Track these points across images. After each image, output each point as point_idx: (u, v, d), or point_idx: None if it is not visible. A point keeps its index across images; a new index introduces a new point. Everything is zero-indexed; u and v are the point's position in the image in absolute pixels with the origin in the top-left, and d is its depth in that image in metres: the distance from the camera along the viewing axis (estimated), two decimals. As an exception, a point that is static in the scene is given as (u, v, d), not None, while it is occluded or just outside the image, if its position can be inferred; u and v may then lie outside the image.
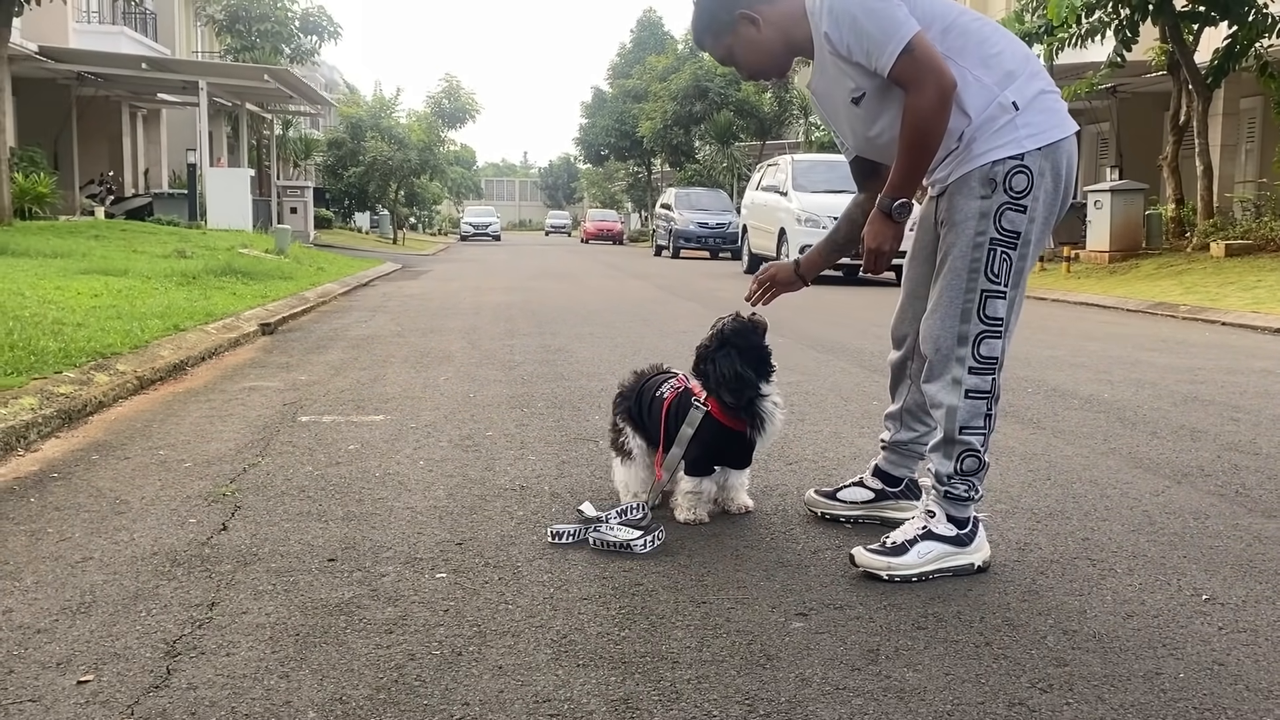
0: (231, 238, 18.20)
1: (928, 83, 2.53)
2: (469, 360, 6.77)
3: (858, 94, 2.68)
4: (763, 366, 3.07)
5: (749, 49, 2.80)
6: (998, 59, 2.65)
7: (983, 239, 2.62)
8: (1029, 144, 2.60)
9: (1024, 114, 2.61)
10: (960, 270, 2.64)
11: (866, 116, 2.71)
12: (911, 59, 2.53)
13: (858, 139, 2.82)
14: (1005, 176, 2.60)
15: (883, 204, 2.69)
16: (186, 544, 2.93)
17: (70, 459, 4.01)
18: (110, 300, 8.69)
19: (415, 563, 2.77)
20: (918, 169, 2.63)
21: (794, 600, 2.50)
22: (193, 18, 33.21)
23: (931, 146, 2.59)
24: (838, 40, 2.62)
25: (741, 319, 3.12)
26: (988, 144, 2.61)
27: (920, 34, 2.55)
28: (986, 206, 2.61)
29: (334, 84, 54.80)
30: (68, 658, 2.15)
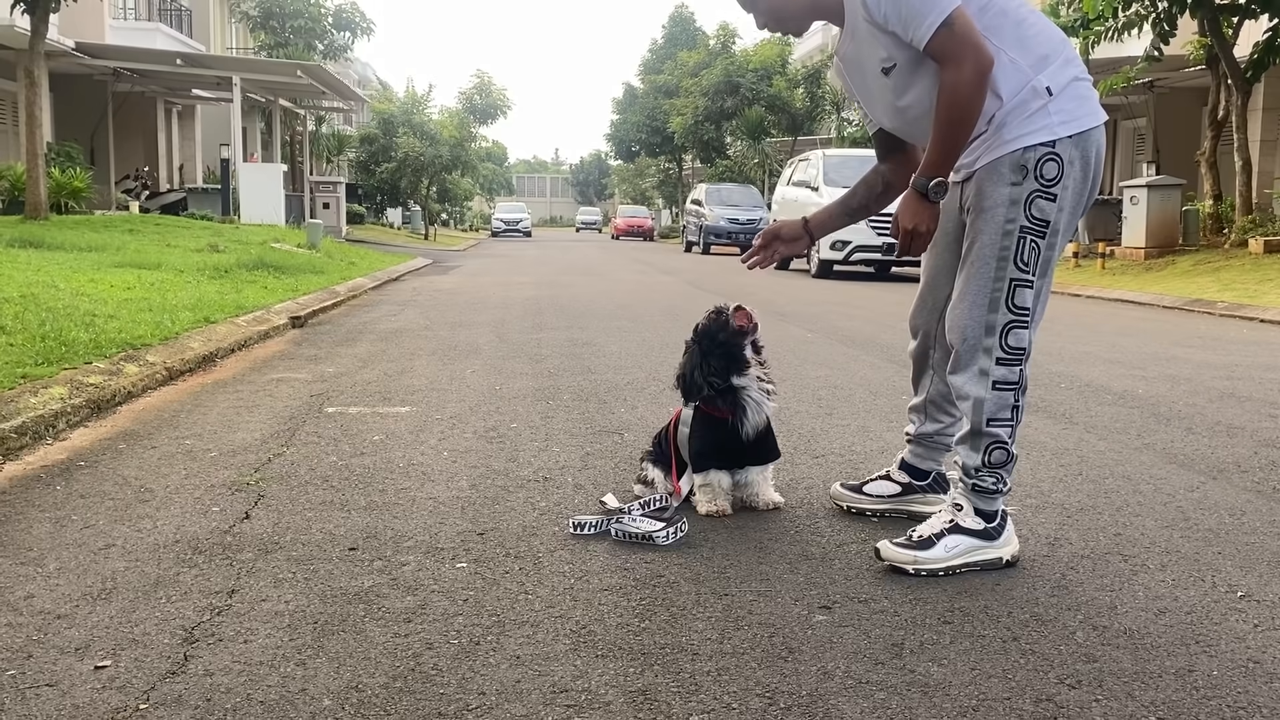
0: (264, 233, 18.32)
1: (966, 59, 2.47)
2: (496, 353, 6.77)
3: (889, 64, 2.62)
4: (732, 361, 3.07)
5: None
6: (1034, 41, 2.59)
7: (1012, 226, 2.57)
8: (1061, 131, 2.54)
9: (1057, 100, 2.55)
10: (989, 258, 2.59)
11: (896, 88, 2.65)
12: (950, 33, 2.47)
13: (886, 110, 2.75)
14: (1037, 163, 2.54)
15: (918, 183, 2.62)
16: (209, 532, 2.93)
17: (97, 448, 4.02)
18: (142, 293, 8.75)
19: (436, 552, 2.75)
20: (954, 147, 2.56)
21: (818, 593, 2.46)
22: (227, 14, 33.47)
23: (969, 124, 2.53)
24: (874, 7, 2.56)
25: (713, 316, 3.10)
26: (1020, 129, 2.55)
27: (961, 8, 2.49)
28: (1017, 193, 2.56)
29: (367, 80, 55.06)
30: (86, 643, 2.15)
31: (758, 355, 3.13)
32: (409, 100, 37.59)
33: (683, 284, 14.60)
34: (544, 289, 13.10)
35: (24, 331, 5.84)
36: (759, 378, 3.08)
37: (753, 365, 3.08)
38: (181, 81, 25.03)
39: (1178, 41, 16.41)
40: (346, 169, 40.88)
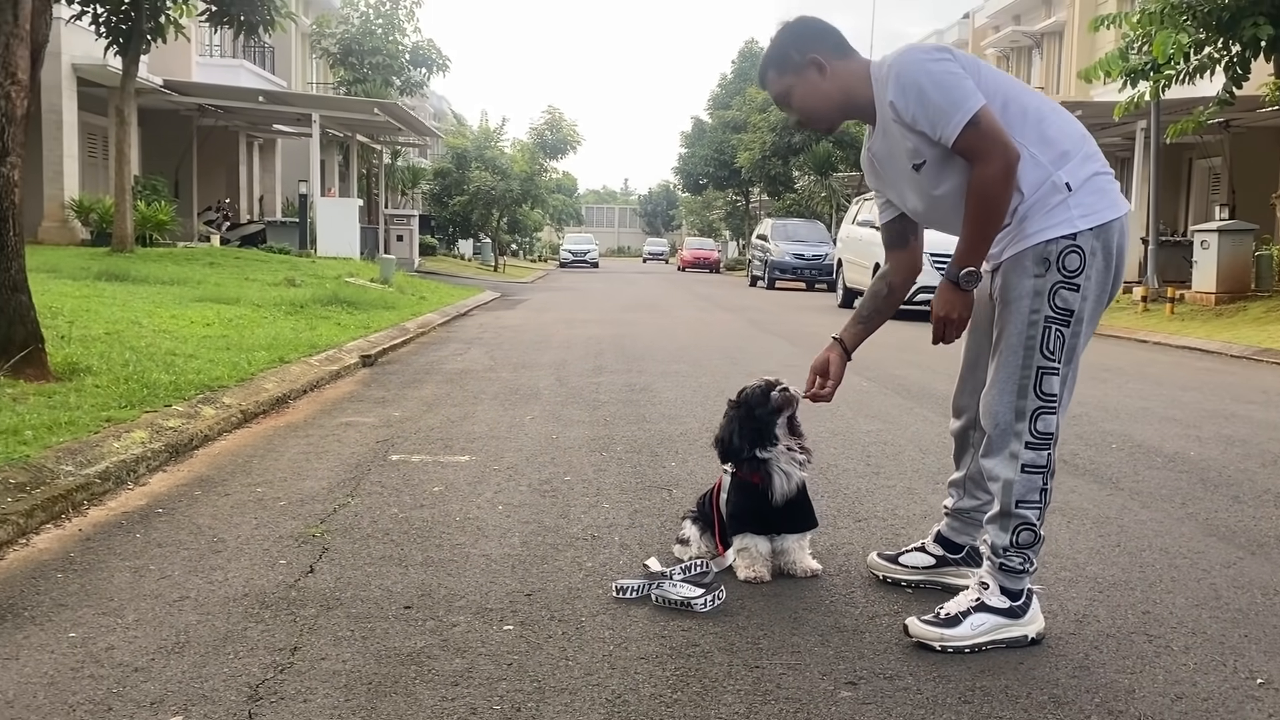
0: (339, 266, 18.82)
1: (994, 154, 2.60)
2: (555, 398, 6.95)
3: (918, 161, 2.76)
4: (761, 436, 3.21)
5: (808, 94, 2.87)
6: (1055, 137, 2.71)
7: (1037, 317, 2.67)
8: (1082, 224, 2.65)
9: (1077, 194, 2.67)
10: (1016, 347, 2.70)
11: (929, 181, 2.78)
12: (977, 132, 2.61)
13: (921, 200, 2.88)
14: (1059, 255, 2.65)
15: (950, 273, 2.75)
16: (275, 585, 3.12)
17: (175, 494, 4.26)
18: (221, 330, 9.12)
19: (485, 613, 2.91)
20: (985, 238, 2.69)
21: (845, 668, 2.57)
22: (309, 51, 34.44)
23: (998, 216, 2.66)
24: (903, 108, 2.70)
25: (757, 388, 3.24)
26: (1041, 223, 2.67)
27: (986, 107, 2.62)
28: (1041, 285, 2.67)
29: (442, 113, 56.13)
30: (161, 697, 2.34)
31: (793, 432, 3.24)
32: (481, 134, 38.28)
33: (744, 323, 14.71)
34: (606, 327, 13.30)
35: (109, 372, 6.16)
36: (788, 448, 3.20)
37: (782, 440, 3.20)
38: (263, 117, 25.86)
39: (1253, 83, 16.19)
40: (420, 201, 41.68)
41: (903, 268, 3.09)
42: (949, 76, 2.64)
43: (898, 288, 3.10)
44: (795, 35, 2.90)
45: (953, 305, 2.77)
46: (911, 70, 2.68)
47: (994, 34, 36.39)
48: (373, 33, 30.43)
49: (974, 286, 2.75)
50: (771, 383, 3.25)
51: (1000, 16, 35.97)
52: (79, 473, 4.19)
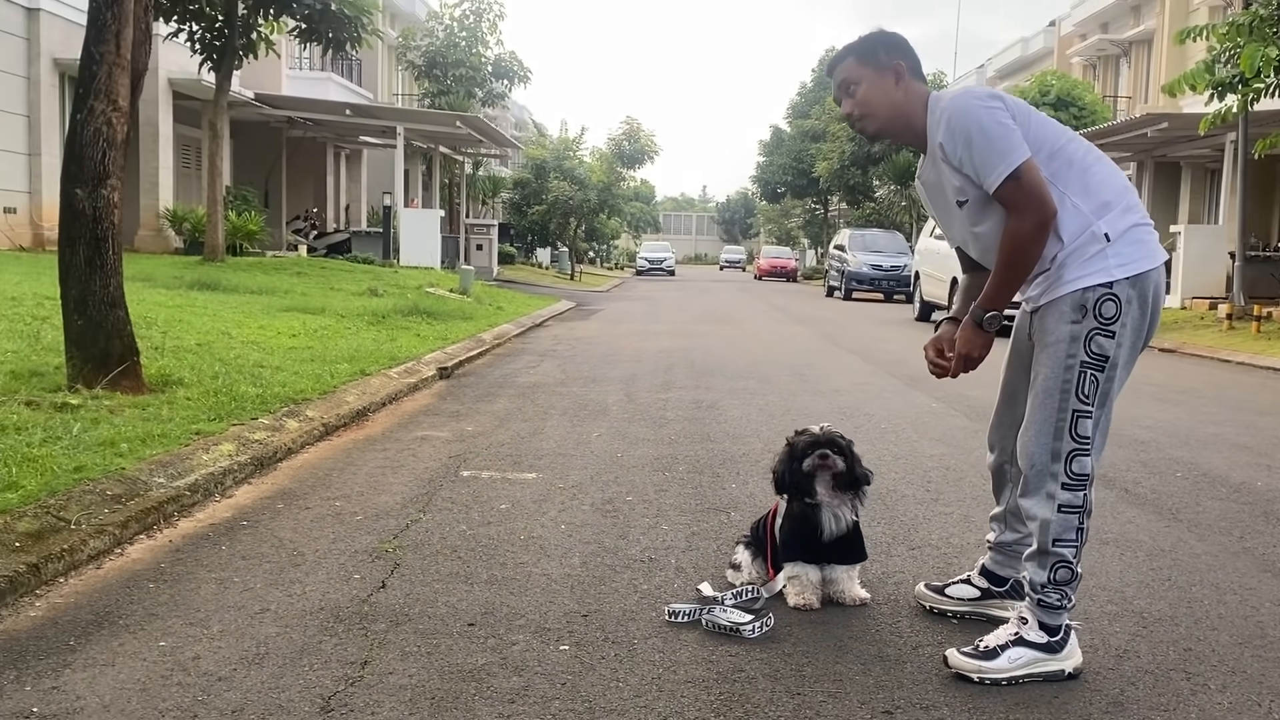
0: (420, 276, 19.25)
1: (1030, 210, 2.70)
2: (623, 414, 7.11)
3: (962, 198, 2.87)
4: (800, 489, 3.34)
5: (876, 92, 2.96)
6: (1097, 189, 2.80)
7: (1073, 361, 2.76)
8: (1118, 273, 2.73)
9: (1115, 245, 2.75)
10: (1053, 390, 2.78)
11: (970, 218, 2.89)
12: (1017, 185, 2.70)
13: (962, 233, 2.98)
14: (1095, 303, 2.73)
15: (975, 314, 2.87)
16: (349, 600, 3.32)
17: (258, 506, 4.50)
18: (306, 341, 9.46)
19: (543, 633, 3.07)
20: (1011, 286, 2.81)
21: (884, 697, 2.68)
22: (394, 63, 35.22)
23: (1026, 268, 2.77)
24: (950, 151, 2.81)
25: (800, 444, 3.35)
26: (1079, 271, 2.75)
27: (1029, 161, 2.72)
28: (1077, 331, 2.75)
29: (523, 123, 56.82)
30: (241, 706, 2.53)
31: (838, 487, 3.31)
32: (560, 144, 38.74)
33: (817, 337, 14.73)
34: (678, 339, 13.43)
35: (199, 384, 6.47)
36: (830, 500, 3.30)
37: (821, 495, 3.29)
38: (350, 129, 26.53)
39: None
40: (500, 210, 42.31)
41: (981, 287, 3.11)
42: (998, 126, 2.74)
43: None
44: (889, 38, 3.02)
45: (973, 345, 2.92)
46: (962, 116, 2.79)
47: (1080, 42, 35.77)
48: (456, 45, 31.03)
49: (995, 329, 2.87)
50: (817, 439, 3.33)
51: (1087, 24, 35.32)
52: (170, 485, 4.45)
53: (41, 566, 3.42)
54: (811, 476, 3.30)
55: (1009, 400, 3.13)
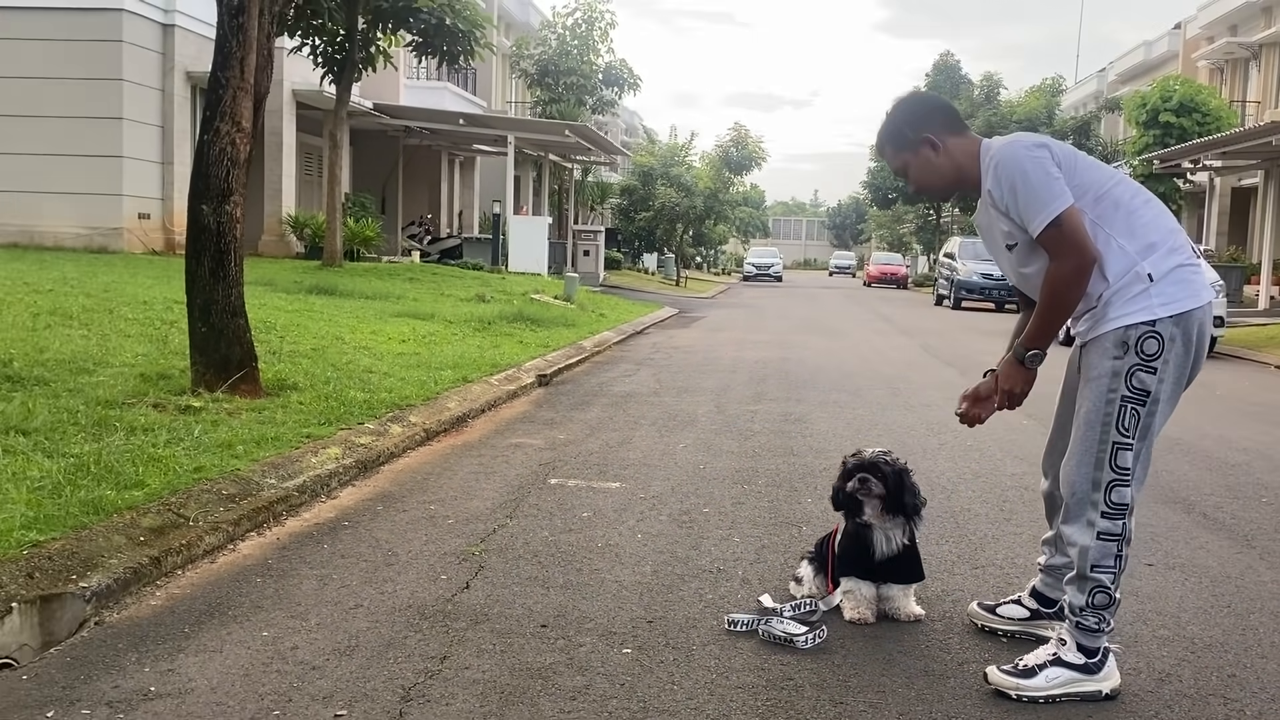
0: (527, 282, 19.73)
1: (1070, 256, 2.83)
2: (711, 426, 7.30)
3: (1010, 242, 3.01)
4: (849, 510, 3.52)
5: (924, 168, 3.15)
6: (1143, 230, 2.90)
7: (1114, 396, 2.87)
8: (1161, 312, 2.84)
9: (1159, 284, 2.85)
10: (1095, 423, 2.90)
11: (1019, 259, 3.03)
12: (1059, 232, 2.83)
13: (1012, 272, 3.12)
14: (1137, 340, 2.84)
15: (1018, 352, 3.01)
16: (435, 599, 3.60)
17: (360, 508, 4.84)
18: (414, 347, 9.89)
19: (609, 636, 3.29)
20: (1052, 327, 2.95)
21: (923, 710, 2.83)
22: (508, 71, 36.02)
23: (1066, 310, 2.90)
24: (998, 197, 2.96)
25: (848, 468, 3.52)
26: (1123, 309, 2.87)
27: (1071, 209, 2.84)
28: (1119, 366, 2.86)
29: (634, 129, 57.40)
30: (331, 693, 2.82)
31: (888, 511, 3.46)
32: (668, 152, 39.05)
33: (917, 348, 14.67)
34: (775, 349, 13.54)
35: (312, 389, 6.88)
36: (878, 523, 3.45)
37: (869, 516, 3.45)
38: (464, 138, 27.28)
39: None
40: (609, 216, 42.86)
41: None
42: (1042, 174, 2.87)
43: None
44: (909, 113, 3.18)
45: (1016, 380, 3.08)
46: (1009, 164, 2.93)
47: (1207, 45, 34.60)
48: (568, 53, 31.62)
49: (1037, 365, 3.01)
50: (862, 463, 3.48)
51: (1215, 27, 34.15)
52: (280, 486, 4.81)
53: (162, 559, 3.78)
54: (857, 498, 3.45)
55: (1060, 430, 3.24)
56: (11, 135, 17.50)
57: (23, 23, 17.54)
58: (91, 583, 3.44)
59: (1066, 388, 3.22)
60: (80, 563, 3.54)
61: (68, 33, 17.47)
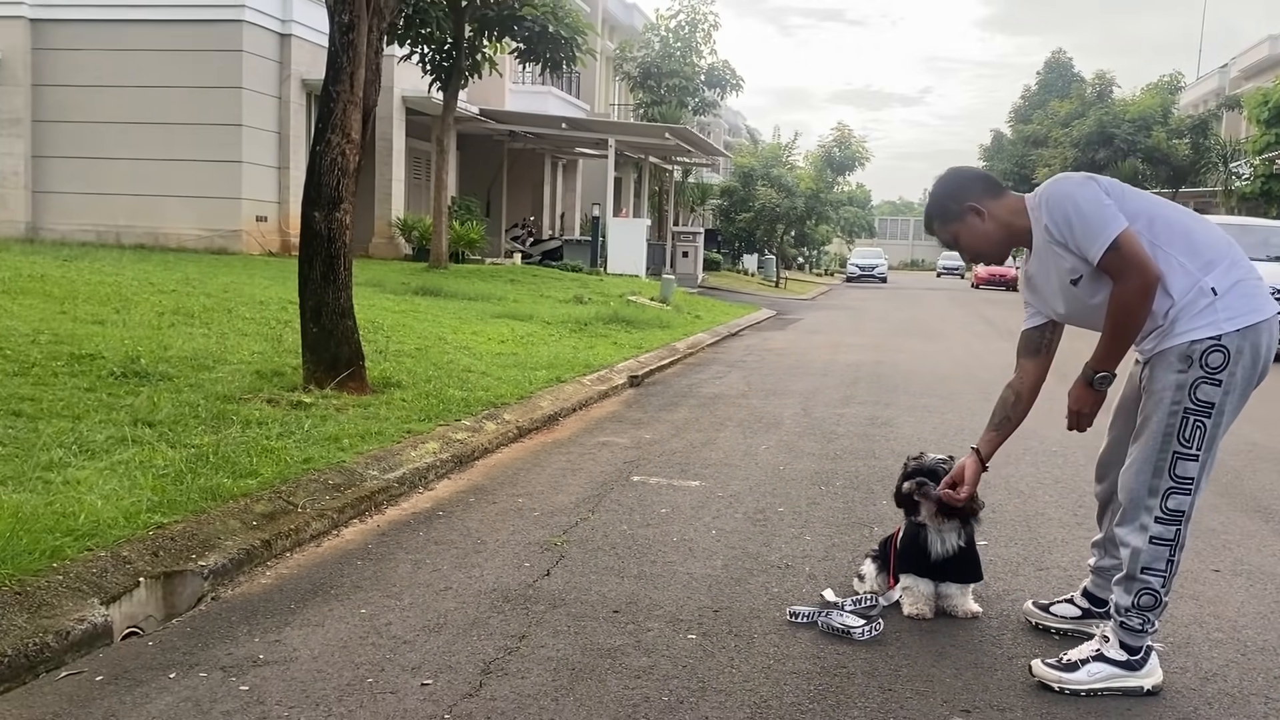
0: (624, 284, 20.05)
1: (1132, 276, 2.95)
2: (795, 429, 7.46)
3: (1076, 275, 3.11)
4: (907, 510, 3.70)
5: (973, 236, 3.30)
6: (1202, 248, 3.01)
7: (1177, 408, 2.98)
8: (1227, 326, 2.94)
9: (1223, 299, 2.95)
10: (1157, 434, 3.01)
11: (1086, 292, 3.13)
12: (1118, 254, 2.96)
13: (1075, 312, 3.21)
14: (1202, 354, 2.95)
15: (1086, 374, 3.15)
16: (517, 584, 3.87)
17: (454, 499, 5.15)
18: (512, 347, 10.25)
19: (676, 623, 3.52)
20: (1120, 348, 3.07)
21: (967, 698, 2.99)
22: (611, 73, 36.51)
23: (1134, 329, 3.01)
24: (1057, 233, 3.09)
25: (907, 469, 3.72)
26: (1188, 324, 2.97)
27: (1127, 231, 2.96)
28: (1183, 380, 2.97)
29: (737, 129, 57.44)
30: (419, 664, 3.11)
31: (942, 514, 3.60)
32: (769, 152, 39.08)
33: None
34: (871, 353, 13.57)
35: (414, 387, 7.25)
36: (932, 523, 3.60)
37: (925, 517, 3.60)
38: (566, 141, 27.79)
39: None
40: (709, 216, 43.05)
41: (1031, 376, 3.37)
42: (1094, 203, 3.00)
43: (1025, 396, 3.39)
44: (950, 188, 3.33)
45: (1084, 401, 3.20)
46: (1060, 200, 3.07)
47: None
48: (671, 56, 31.92)
49: (1106, 387, 3.12)
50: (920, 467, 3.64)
51: (1344, 20, 32.75)
52: (381, 477, 5.15)
53: (273, 543, 4.14)
54: (912, 498, 3.61)
55: (1116, 440, 3.36)
56: (140, 142, 18.51)
57: (151, 35, 18.53)
58: (209, 562, 3.80)
59: (1124, 401, 3.33)
60: (199, 544, 3.91)
61: (192, 43, 18.39)
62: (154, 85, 18.48)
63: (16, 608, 3.17)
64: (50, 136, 18.99)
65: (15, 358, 6.57)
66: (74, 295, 9.69)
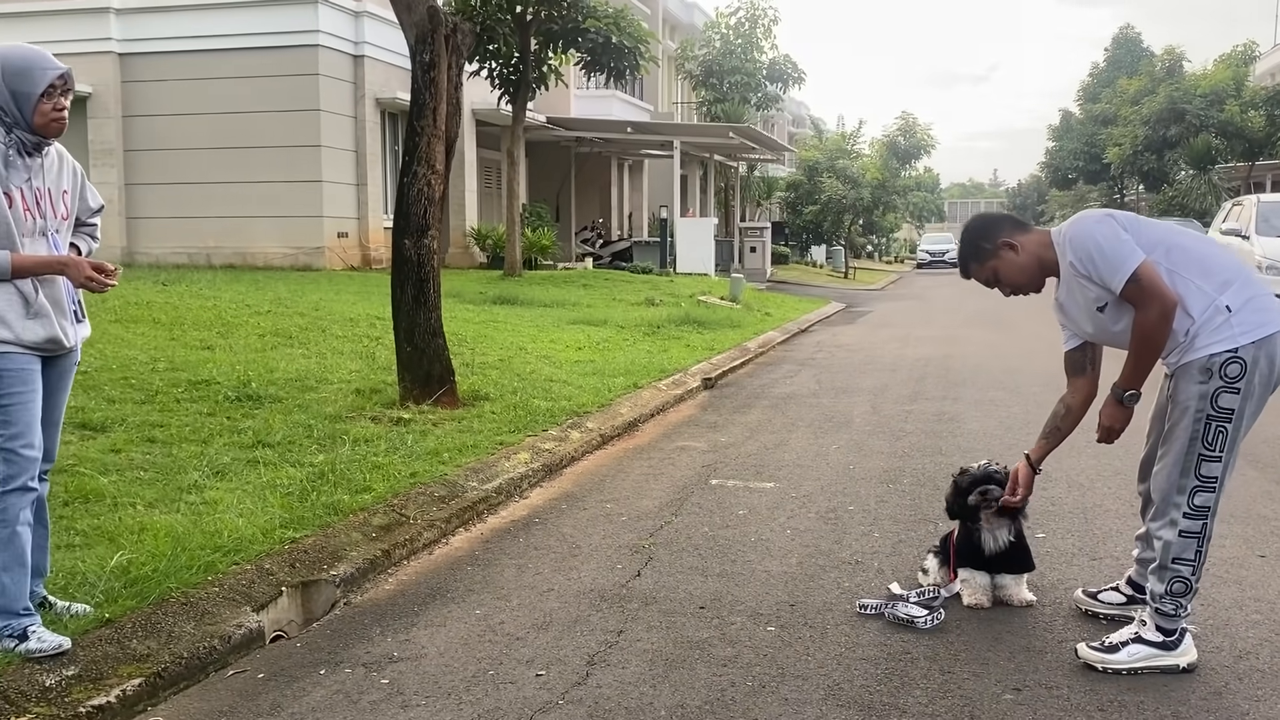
0: (693, 284, 20.43)
1: (1152, 304, 3.30)
2: (864, 427, 7.80)
3: (1101, 304, 3.46)
4: (964, 516, 4.03)
5: (1010, 269, 3.65)
6: (1216, 270, 3.35)
7: (1201, 415, 3.31)
8: (1243, 339, 3.27)
9: (1237, 314, 3.28)
10: (1183, 439, 3.36)
11: (1110, 319, 3.48)
12: (1138, 286, 3.31)
13: (1100, 334, 3.57)
14: (1221, 366, 3.28)
15: (1116, 393, 3.51)
16: (612, 584, 4.30)
17: (547, 506, 5.60)
18: (589, 354, 10.72)
19: (756, 616, 3.92)
20: (1144, 368, 3.43)
21: (1018, 678, 3.35)
22: (674, 72, 36.88)
23: (1155, 351, 3.36)
24: (1081, 268, 3.45)
25: (968, 480, 4.01)
26: (1207, 339, 3.31)
27: (1146, 263, 3.31)
28: (1204, 390, 3.31)
29: (801, 119, 57.37)
30: (532, 658, 3.55)
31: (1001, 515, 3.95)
32: (833, 145, 39.14)
33: (1086, 340, 14.60)
34: (939, 346, 13.77)
35: (501, 399, 7.74)
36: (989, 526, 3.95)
37: (984, 522, 3.95)
38: (631, 144, 28.27)
39: None
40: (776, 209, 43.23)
41: (1081, 393, 3.74)
42: (1113, 239, 3.35)
43: (1075, 410, 3.75)
44: (981, 230, 3.71)
45: (1115, 418, 3.57)
46: (1083, 238, 3.42)
47: None
48: (732, 53, 32.17)
49: (1134, 404, 3.50)
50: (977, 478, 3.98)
51: None
52: (481, 488, 5.63)
53: (391, 552, 4.63)
54: (977, 508, 3.96)
55: (1155, 444, 3.68)
56: (225, 166, 19.35)
57: (231, 63, 19.33)
58: (339, 571, 4.29)
59: (1158, 410, 3.66)
60: (329, 555, 4.41)
61: (273, 69, 19.16)
62: (236, 111, 19.28)
63: (185, 617, 3.68)
64: (141, 165, 19.92)
65: (140, 386, 7.19)
66: (180, 321, 10.37)
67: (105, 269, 3.39)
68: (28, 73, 3.28)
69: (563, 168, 28.43)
